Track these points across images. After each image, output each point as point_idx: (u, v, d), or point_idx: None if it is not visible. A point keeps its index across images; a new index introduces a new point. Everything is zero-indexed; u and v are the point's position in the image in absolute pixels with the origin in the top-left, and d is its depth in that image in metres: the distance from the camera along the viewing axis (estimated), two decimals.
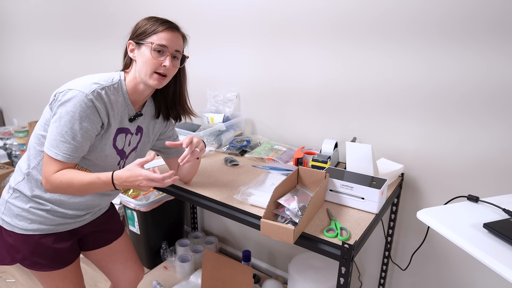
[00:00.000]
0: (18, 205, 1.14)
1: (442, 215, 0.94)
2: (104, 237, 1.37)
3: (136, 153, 1.26)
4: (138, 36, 1.09)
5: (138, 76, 1.10)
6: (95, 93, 1.02)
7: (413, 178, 1.52)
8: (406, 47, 1.39)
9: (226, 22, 1.86)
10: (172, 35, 1.08)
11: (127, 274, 1.44)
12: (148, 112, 1.24)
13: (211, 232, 2.41)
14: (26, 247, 1.15)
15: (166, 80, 1.11)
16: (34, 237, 1.15)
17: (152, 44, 1.05)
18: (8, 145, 3.38)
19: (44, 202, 1.14)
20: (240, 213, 1.22)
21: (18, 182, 1.15)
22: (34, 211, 1.14)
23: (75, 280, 1.27)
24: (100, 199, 1.23)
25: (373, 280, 1.78)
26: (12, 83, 3.82)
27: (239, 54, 1.87)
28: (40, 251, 1.16)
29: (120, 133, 1.14)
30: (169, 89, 1.22)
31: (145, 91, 1.14)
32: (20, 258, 1.17)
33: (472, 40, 1.26)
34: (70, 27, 2.82)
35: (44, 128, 1.08)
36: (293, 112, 1.78)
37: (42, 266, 1.17)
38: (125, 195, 2.13)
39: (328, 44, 1.57)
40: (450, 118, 1.37)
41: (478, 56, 1.26)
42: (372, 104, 1.53)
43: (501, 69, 1.24)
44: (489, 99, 1.28)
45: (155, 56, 1.06)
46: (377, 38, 1.44)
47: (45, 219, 1.15)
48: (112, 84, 1.09)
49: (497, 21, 1.21)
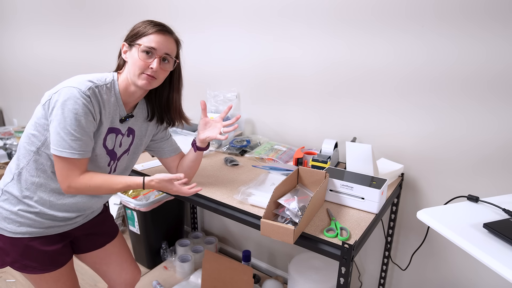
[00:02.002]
0: (7, 208, 1.12)
1: (442, 215, 0.94)
2: (97, 240, 1.35)
3: (128, 156, 1.25)
4: (131, 37, 1.10)
5: (128, 77, 1.11)
6: (91, 90, 1.03)
7: (413, 178, 1.52)
8: (406, 33, 1.39)
9: (224, 4, 1.85)
10: (162, 38, 1.09)
11: (123, 276, 1.43)
12: (140, 114, 1.23)
13: (211, 232, 2.41)
14: (15, 250, 1.14)
15: (155, 82, 1.11)
16: (23, 240, 1.13)
17: (140, 46, 1.07)
18: (8, 145, 3.38)
19: (33, 204, 1.12)
20: (240, 213, 1.22)
21: (7, 184, 1.13)
22: (22, 213, 1.12)
23: (69, 283, 1.25)
24: (91, 201, 1.21)
25: (373, 280, 1.78)
26: (9, 73, 3.80)
27: (237, 40, 1.86)
28: (29, 253, 1.14)
29: (111, 133, 1.14)
30: (163, 93, 1.23)
31: (136, 93, 1.14)
32: (9, 261, 1.15)
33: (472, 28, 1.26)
34: (68, 13, 2.82)
35: (35, 127, 1.07)
36: (292, 103, 1.78)
37: (33, 269, 1.16)
38: (125, 195, 2.13)
39: (329, 29, 1.57)
40: (450, 118, 1.38)
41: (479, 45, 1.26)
42: (373, 91, 1.52)
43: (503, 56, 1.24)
44: (489, 90, 1.28)
45: (143, 57, 1.07)
46: (379, 24, 1.43)
47: (34, 221, 1.13)
48: (105, 84, 1.09)
49: (495, 6, 1.21)
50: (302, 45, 1.65)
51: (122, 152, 1.21)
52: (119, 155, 1.20)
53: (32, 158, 1.09)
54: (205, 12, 1.93)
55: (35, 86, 3.49)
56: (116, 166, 1.22)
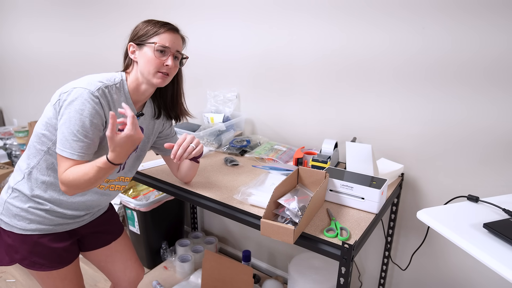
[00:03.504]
0: (17, 205, 1.14)
1: (442, 215, 0.94)
2: (103, 238, 1.37)
3: (136, 154, 1.26)
4: (140, 37, 1.12)
5: (140, 76, 1.13)
6: (100, 91, 1.04)
7: (413, 178, 1.52)
8: (400, 20, 1.39)
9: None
10: (173, 36, 1.12)
11: (127, 274, 1.44)
12: (148, 112, 1.25)
13: (211, 232, 2.41)
14: (25, 247, 1.16)
15: (168, 79, 1.14)
16: (32, 237, 1.15)
17: (155, 45, 1.09)
18: (8, 145, 3.38)
19: (43, 202, 1.14)
20: (240, 213, 1.22)
21: (18, 182, 1.15)
22: (33, 211, 1.14)
23: (75, 281, 1.27)
24: (100, 199, 1.23)
25: (373, 280, 1.78)
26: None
27: (234, 29, 1.85)
28: (38, 251, 1.16)
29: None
30: (167, 90, 1.25)
31: (146, 91, 1.16)
32: (19, 258, 1.17)
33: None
34: (66, 5, 2.82)
35: (45, 127, 1.08)
36: (289, 94, 1.77)
37: (41, 266, 1.18)
38: (125, 195, 2.13)
39: (327, 16, 1.56)
40: (450, 117, 1.38)
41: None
42: (371, 78, 1.52)
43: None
44: (485, 78, 1.28)
45: (158, 56, 1.09)
46: (377, 13, 1.43)
47: (44, 219, 1.15)
48: (115, 84, 1.10)
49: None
50: (298, 34, 1.64)
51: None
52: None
53: (43, 157, 1.11)
54: (202, 1, 1.93)
55: (34, 80, 3.48)
56: (125, 164, 1.23)
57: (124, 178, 1.27)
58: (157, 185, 1.46)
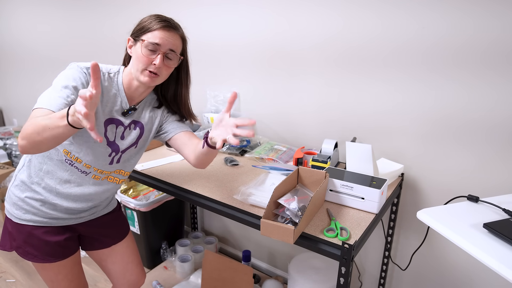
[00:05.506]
0: (16, 193, 1.17)
1: (442, 215, 0.94)
2: (106, 238, 1.36)
3: (136, 148, 1.24)
4: (136, 32, 1.10)
5: (132, 72, 1.12)
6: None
7: (413, 178, 1.52)
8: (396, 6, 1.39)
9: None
10: (166, 34, 1.07)
11: (127, 277, 1.43)
12: (147, 105, 1.22)
13: (211, 232, 2.41)
14: (20, 236, 1.18)
15: (158, 79, 1.10)
16: (27, 227, 1.17)
17: (143, 42, 1.06)
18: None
19: (40, 191, 1.15)
20: (240, 213, 1.22)
21: (20, 170, 1.18)
22: (28, 201, 1.15)
23: (70, 277, 1.26)
24: (97, 191, 1.19)
25: (373, 280, 1.78)
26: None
27: (230, 16, 1.85)
28: (32, 241, 1.18)
29: (110, 124, 1.13)
30: (169, 89, 1.23)
31: (139, 88, 1.15)
32: (15, 246, 1.19)
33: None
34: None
35: None
36: (291, 96, 1.78)
37: (34, 257, 1.19)
38: (125, 195, 2.13)
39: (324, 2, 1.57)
40: (450, 117, 1.38)
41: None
42: (369, 63, 1.52)
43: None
44: (481, 62, 1.28)
45: (146, 53, 1.06)
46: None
47: (38, 211, 1.16)
48: (108, 72, 1.12)
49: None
50: (292, 19, 1.64)
51: (128, 145, 1.20)
52: (123, 148, 1.19)
53: None
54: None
55: (34, 80, 3.49)
56: (120, 158, 1.21)
57: (123, 172, 1.24)
58: (157, 185, 1.46)
